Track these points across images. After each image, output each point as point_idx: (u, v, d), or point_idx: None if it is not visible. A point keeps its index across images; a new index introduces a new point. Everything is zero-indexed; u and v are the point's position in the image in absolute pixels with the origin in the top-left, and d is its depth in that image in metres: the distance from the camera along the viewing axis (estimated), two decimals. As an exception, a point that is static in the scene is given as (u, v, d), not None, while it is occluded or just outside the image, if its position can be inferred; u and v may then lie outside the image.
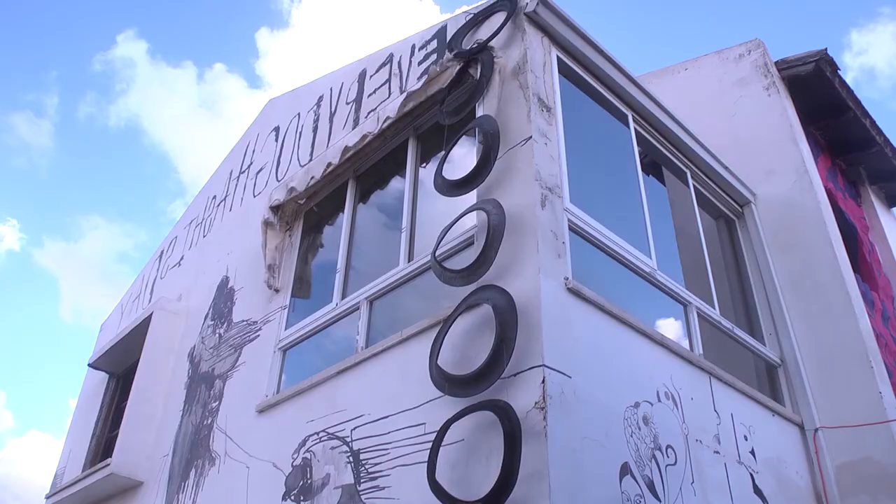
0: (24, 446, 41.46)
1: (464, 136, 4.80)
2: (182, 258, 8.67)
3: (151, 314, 7.55)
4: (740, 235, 6.55)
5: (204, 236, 8.34)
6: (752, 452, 4.80)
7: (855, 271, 6.75)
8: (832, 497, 5.20)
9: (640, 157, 5.45)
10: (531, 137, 4.28)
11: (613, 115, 5.46)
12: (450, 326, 3.93)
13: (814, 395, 5.60)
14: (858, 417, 5.38)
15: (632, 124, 5.51)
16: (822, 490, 5.23)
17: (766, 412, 5.21)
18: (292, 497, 4.67)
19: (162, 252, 9.46)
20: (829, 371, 5.66)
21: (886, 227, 8.97)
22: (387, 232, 5.44)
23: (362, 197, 5.90)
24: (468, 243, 4.33)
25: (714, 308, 5.38)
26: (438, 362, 3.83)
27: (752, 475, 4.69)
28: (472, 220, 4.35)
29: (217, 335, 6.69)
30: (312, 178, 5.90)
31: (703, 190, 6.31)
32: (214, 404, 6.12)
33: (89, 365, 8.63)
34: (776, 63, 7.45)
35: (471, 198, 4.44)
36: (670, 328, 4.93)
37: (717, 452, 4.47)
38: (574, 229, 4.29)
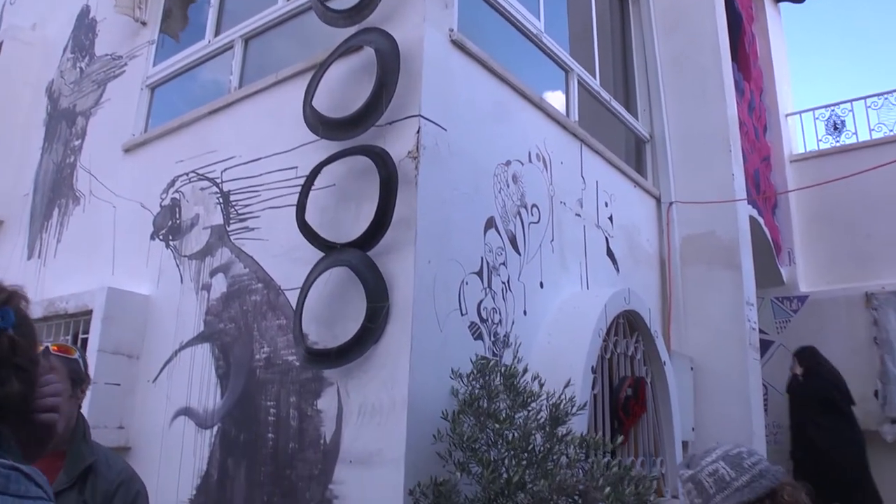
0: None
1: None
2: (35, -17, 7.76)
3: (2, 43, 6.86)
4: (631, 10, 6.49)
5: (60, -41, 7.44)
6: (611, 219, 5.11)
7: (733, 59, 6.92)
8: (675, 263, 5.71)
9: (542, -89, 5.15)
10: None
11: None
12: (328, 66, 3.76)
13: (674, 171, 5.94)
14: (710, 195, 5.78)
15: None
16: (666, 257, 5.72)
17: (628, 183, 5.49)
18: (160, 237, 4.64)
19: (11, -25, 8.41)
20: (692, 151, 5.97)
21: (770, 20, 9.15)
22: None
23: (240, -76, 5.34)
24: (353, -16, 4.05)
25: (595, 78, 5.43)
26: (314, 105, 3.72)
27: (607, 239, 5.02)
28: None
29: (78, 69, 6.20)
30: None
31: (601, -42, 6.12)
32: (77, 142, 5.81)
33: (-67, 96, 7.91)
34: None
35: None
36: (550, 94, 4.96)
37: (579, 215, 4.72)
38: (464, -21, 4.08)
